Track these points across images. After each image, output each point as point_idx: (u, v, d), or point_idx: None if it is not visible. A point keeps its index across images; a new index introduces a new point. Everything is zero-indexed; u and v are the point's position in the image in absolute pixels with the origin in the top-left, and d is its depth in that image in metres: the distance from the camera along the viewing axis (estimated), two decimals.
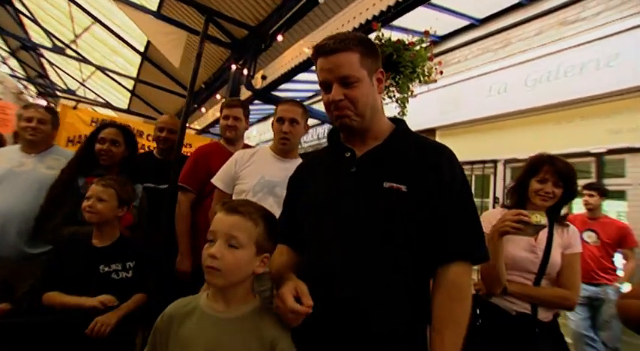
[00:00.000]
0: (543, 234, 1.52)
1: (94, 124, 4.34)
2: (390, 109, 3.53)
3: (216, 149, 2.26)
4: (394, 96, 3.49)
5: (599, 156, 3.29)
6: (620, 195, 3.21)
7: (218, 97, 7.49)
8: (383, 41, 3.11)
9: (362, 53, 0.96)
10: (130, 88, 11.38)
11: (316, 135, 8.50)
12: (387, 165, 0.96)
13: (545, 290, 1.48)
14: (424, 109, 4.61)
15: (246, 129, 2.36)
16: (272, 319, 0.89)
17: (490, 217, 1.52)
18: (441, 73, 3.37)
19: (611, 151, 3.25)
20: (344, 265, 0.91)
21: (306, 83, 6.90)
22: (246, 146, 2.37)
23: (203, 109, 8.43)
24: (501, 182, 4.19)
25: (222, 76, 6.88)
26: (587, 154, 3.36)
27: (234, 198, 1.87)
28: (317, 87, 6.06)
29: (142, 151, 3.27)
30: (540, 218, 1.31)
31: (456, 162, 0.97)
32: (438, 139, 5.07)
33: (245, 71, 5.37)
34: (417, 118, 3.60)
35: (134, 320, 1.52)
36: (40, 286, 1.45)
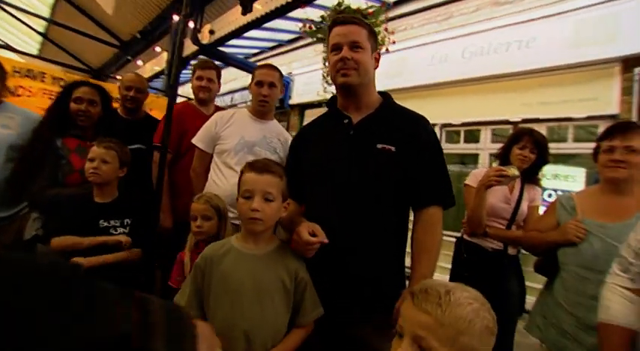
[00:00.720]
0: (517, 190, 1.97)
1: (17, 75, 3.86)
2: None
3: (189, 110, 2.30)
4: None
5: (515, 124, 3.95)
6: None
7: (158, 49, 6.88)
8: (343, 8, 3.24)
9: (369, 32, 1.21)
10: (41, 30, 9.74)
11: None
12: (379, 130, 1.20)
13: (514, 233, 1.95)
14: None
15: (218, 91, 2.42)
16: (292, 254, 1.14)
17: (477, 175, 1.93)
18: (394, 42, 3.63)
19: (524, 121, 3.92)
20: (340, 230, 1.13)
21: (254, 40, 6.69)
22: (218, 108, 2.43)
23: (140, 62, 7.68)
24: None
25: (162, 26, 6.31)
26: (506, 122, 4.01)
27: (215, 158, 1.99)
28: (264, 44, 6.02)
29: None
30: (514, 170, 1.72)
31: (430, 129, 1.25)
32: None
33: (191, 24, 5.03)
34: None
35: (124, 272, 1.65)
36: (35, 239, 1.49)
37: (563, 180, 3.92)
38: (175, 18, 5.38)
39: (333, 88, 3.93)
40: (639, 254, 1.07)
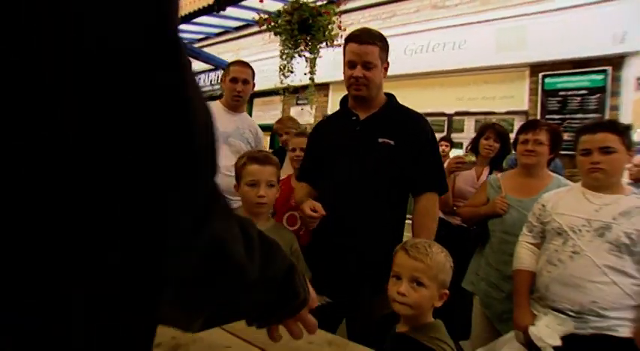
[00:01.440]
0: (484, 176, 2.29)
1: None
2: (301, 67, 3.93)
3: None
4: (304, 55, 3.89)
5: (449, 116, 4.50)
6: (459, 145, 4.49)
7: None
8: (301, 4, 3.38)
9: (381, 48, 1.34)
10: None
11: (208, 81, 8.13)
12: (381, 125, 1.39)
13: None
14: (320, 65, 5.13)
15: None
16: (286, 230, 1.35)
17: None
18: (342, 37, 3.86)
19: (457, 113, 4.47)
20: (341, 226, 1.30)
21: (200, 26, 6.46)
22: None
23: None
24: None
25: None
26: (442, 114, 4.53)
27: None
28: (211, 30, 5.97)
29: None
30: (471, 157, 2.06)
31: (428, 126, 1.45)
32: (331, 93, 5.72)
33: None
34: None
35: None
36: None
37: None
38: None
39: (288, 80, 4.04)
40: (539, 219, 1.48)
